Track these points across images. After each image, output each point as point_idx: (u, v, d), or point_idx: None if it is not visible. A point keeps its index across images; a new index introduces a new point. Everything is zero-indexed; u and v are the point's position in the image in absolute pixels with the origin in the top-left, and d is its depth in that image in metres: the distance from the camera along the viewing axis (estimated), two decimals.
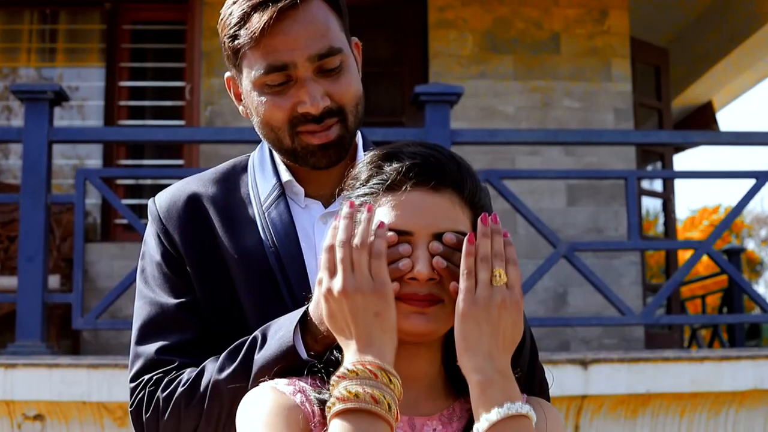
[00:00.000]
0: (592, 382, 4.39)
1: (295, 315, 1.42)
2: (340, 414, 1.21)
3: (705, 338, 9.13)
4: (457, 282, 1.31)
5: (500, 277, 1.30)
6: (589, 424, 4.48)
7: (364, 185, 1.38)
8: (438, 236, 1.33)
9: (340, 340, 1.30)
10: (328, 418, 1.24)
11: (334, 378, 1.25)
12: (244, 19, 1.50)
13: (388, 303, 1.27)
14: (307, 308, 1.41)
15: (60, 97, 4.76)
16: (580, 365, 4.38)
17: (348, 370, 1.23)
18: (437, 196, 1.34)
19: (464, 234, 1.33)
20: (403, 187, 1.33)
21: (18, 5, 7.17)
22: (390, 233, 1.31)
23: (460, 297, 1.29)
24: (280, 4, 1.47)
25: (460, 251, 1.32)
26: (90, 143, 6.68)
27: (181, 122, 6.96)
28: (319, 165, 1.56)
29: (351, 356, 1.26)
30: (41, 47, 7.24)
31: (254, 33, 1.48)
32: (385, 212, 1.34)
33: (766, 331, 8.28)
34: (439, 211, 1.33)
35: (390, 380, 1.23)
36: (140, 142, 6.59)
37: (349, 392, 1.21)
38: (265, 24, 1.47)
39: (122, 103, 7.03)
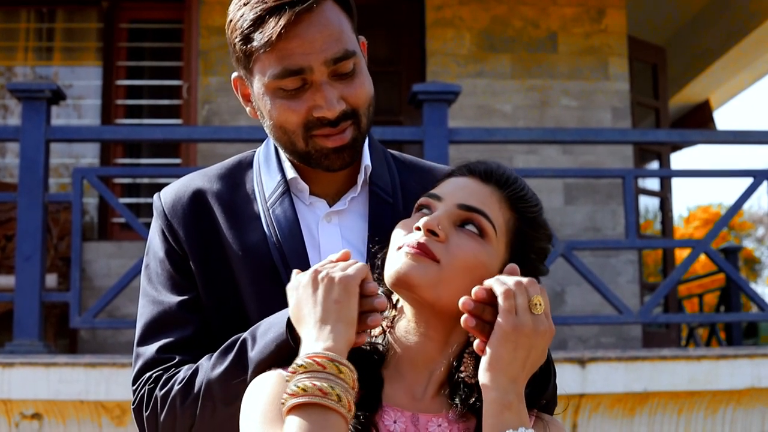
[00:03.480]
0: (590, 380, 4.39)
1: (284, 314, 1.41)
2: (292, 410, 1.22)
3: (702, 337, 9.14)
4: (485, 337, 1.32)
5: (540, 305, 1.29)
6: (587, 422, 4.48)
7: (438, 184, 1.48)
8: (463, 207, 1.37)
9: (301, 331, 1.31)
10: (282, 415, 1.25)
11: (286, 375, 1.26)
12: (259, 22, 1.46)
13: (350, 295, 1.29)
14: None
15: (57, 96, 4.75)
16: (578, 364, 4.38)
17: (297, 365, 1.25)
18: (484, 186, 1.41)
19: (485, 215, 1.37)
20: (458, 173, 1.44)
21: (15, 4, 7.15)
22: (380, 299, 1.34)
23: (501, 317, 1.28)
24: (296, 8, 1.45)
25: (491, 306, 1.30)
26: (87, 142, 6.67)
27: (179, 121, 6.95)
28: (332, 167, 1.55)
29: (304, 348, 1.27)
30: (38, 46, 7.23)
31: (270, 37, 1.45)
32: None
33: (763, 329, 8.28)
34: (478, 194, 1.40)
35: (339, 370, 1.24)
36: (137, 140, 6.58)
37: (298, 387, 1.22)
38: (281, 29, 1.44)
39: (119, 101, 7.02)
